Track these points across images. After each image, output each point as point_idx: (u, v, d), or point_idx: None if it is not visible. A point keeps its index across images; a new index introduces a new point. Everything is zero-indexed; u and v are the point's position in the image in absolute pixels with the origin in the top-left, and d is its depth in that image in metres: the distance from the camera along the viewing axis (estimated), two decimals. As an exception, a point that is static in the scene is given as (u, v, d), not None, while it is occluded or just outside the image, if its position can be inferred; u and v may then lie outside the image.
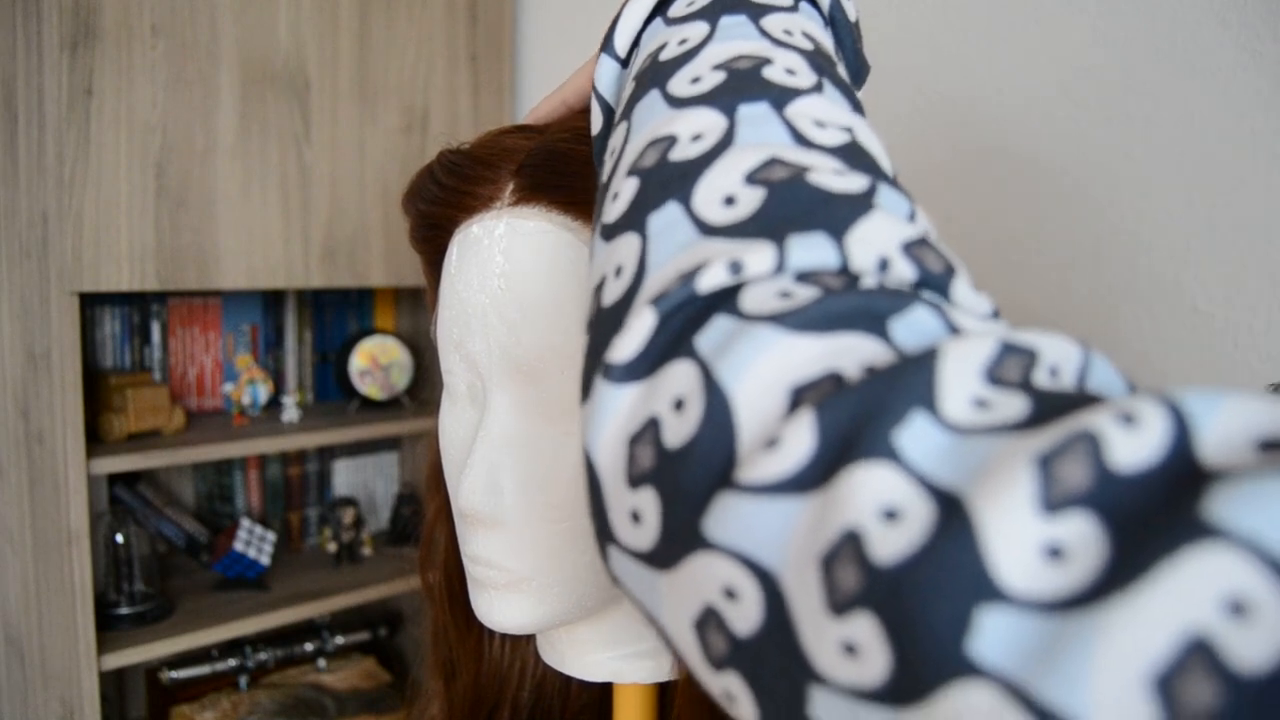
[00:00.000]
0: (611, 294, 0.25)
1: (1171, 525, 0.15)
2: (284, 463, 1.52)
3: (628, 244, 0.26)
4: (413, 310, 1.63)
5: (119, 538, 1.20)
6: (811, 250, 0.22)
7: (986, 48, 0.82)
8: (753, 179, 0.24)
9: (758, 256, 0.22)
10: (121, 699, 1.41)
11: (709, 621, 0.20)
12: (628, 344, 0.23)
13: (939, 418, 0.18)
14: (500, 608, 0.45)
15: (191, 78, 1.12)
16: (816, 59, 0.30)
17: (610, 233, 0.27)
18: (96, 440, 1.16)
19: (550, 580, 0.44)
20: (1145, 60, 0.70)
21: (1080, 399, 0.18)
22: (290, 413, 1.37)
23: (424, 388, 1.52)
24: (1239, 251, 0.66)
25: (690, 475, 0.20)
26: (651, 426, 0.22)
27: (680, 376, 0.21)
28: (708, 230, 0.24)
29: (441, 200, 0.46)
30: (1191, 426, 0.16)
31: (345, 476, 1.60)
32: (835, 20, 0.36)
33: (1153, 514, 0.15)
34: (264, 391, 1.37)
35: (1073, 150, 0.76)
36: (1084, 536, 0.16)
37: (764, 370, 0.20)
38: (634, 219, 0.26)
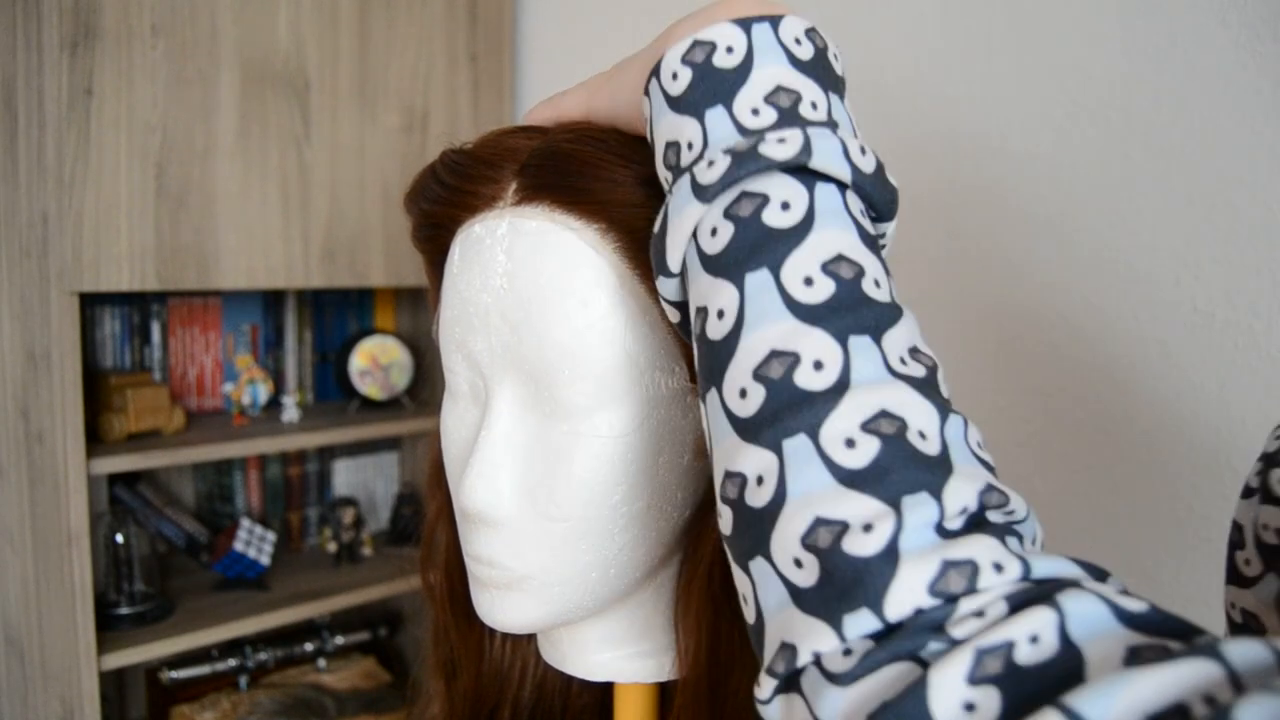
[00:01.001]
0: (757, 499, 0.32)
1: None
2: (284, 463, 1.52)
3: (764, 458, 0.32)
4: (413, 310, 1.63)
5: (119, 538, 1.20)
6: (860, 623, 0.28)
7: (986, 47, 0.82)
8: (807, 544, 0.30)
9: (826, 641, 0.29)
10: (121, 699, 1.41)
11: None
12: (764, 690, 0.31)
13: None
14: (502, 607, 0.45)
15: (191, 78, 1.12)
16: (845, 306, 0.33)
17: (744, 430, 0.33)
18: (96, 440, 1.16)
19: (552, 579, 0.44)
20: (1145, 60, 0.71)
21: (1051, 678, 0.24)
22: (290, 413, 1.37)
23: (424, 388, 1.52)
24: (1239, 251, 0.66)
25: None
26: None
27: (796, 709, 0.30)
28: (791, 594, 0.30)
29: (444, 199, 0.46)
30: None
31: (345, 476, 1.60)
32: (858, 184, 0.36)
33: None
34: (264, 391, 1.37)
35: (1072, 150, 0.76)
36: None
37: (838, 711, 0.28)
38: (769, 434, 0.32)
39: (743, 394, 0.33)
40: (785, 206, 0.34)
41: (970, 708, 0.24)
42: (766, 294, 0.33)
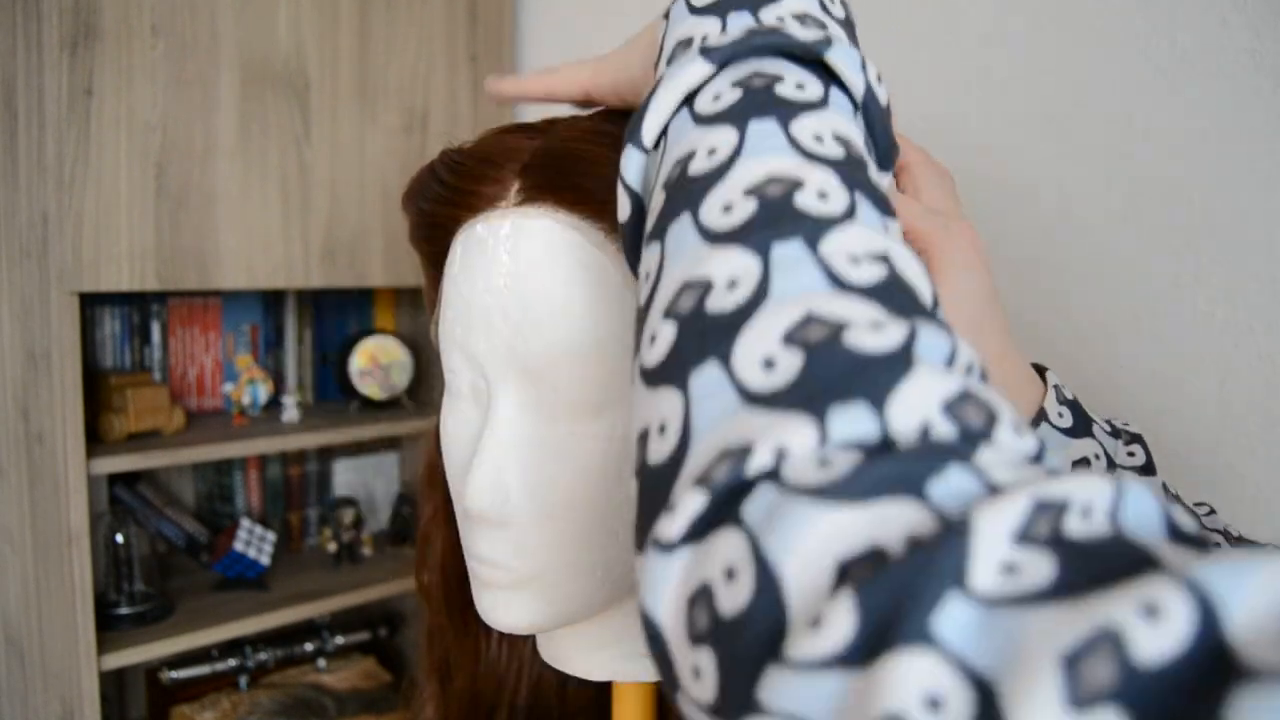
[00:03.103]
0: (657, 453, 0.26)
1: None
2: (284, 463, 1.52)
3: (670, 401, 0.27)
4: (413, 310, 1.63)
5: (119, 538, 1.20)
6: (853, 424, 0.23)
7: (985, 47, 0.82)
8: (791, 339, 0.25)
9: (800, 437, 0.23)
10: (121, 699, 1.41)
11: None
12: (677, 523, 0.24)
13: (969, 593, 0.19)
14: (506, 608, 0.45)
15: (191, 78, 1.11)
16: (848, 168, 0.30)
17: (652, 380, 0.28)
18: (96, 440, 1.16)
19: (556, 579, 0.44)
20: (1145, 60, 0.71)
21: (1110, 550, 0.19)
22: (290, 413, 1.37)
23: (424, 388, 1.52)
24: (1239, 251, 0.66)
25: (743, 645, 0.22)
26: (705, 592, 0.23)
27: (730, 545, 0.23)
28: (749, 397, 0.25)
29: (444, 199, 0.46)
30: (1216, 612, 0.17)
31: (345, 477, 1.60)
32: (867, 108, 0.35)
33: (1180, 710, 0.16)
34: (264, 391, 1.37)
35: (1072, 150, 0.76)
36: None
37: (809, 545, 0.21)
38: (674, 373, 0.27)
39: (727, 209, 0.29)
40: (800, 86, 0.33)
41: (1011, 570, 0.19)
42: (772, 137, 0.31)
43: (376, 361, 1.46)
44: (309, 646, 1.46)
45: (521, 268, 0.43)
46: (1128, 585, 0.18)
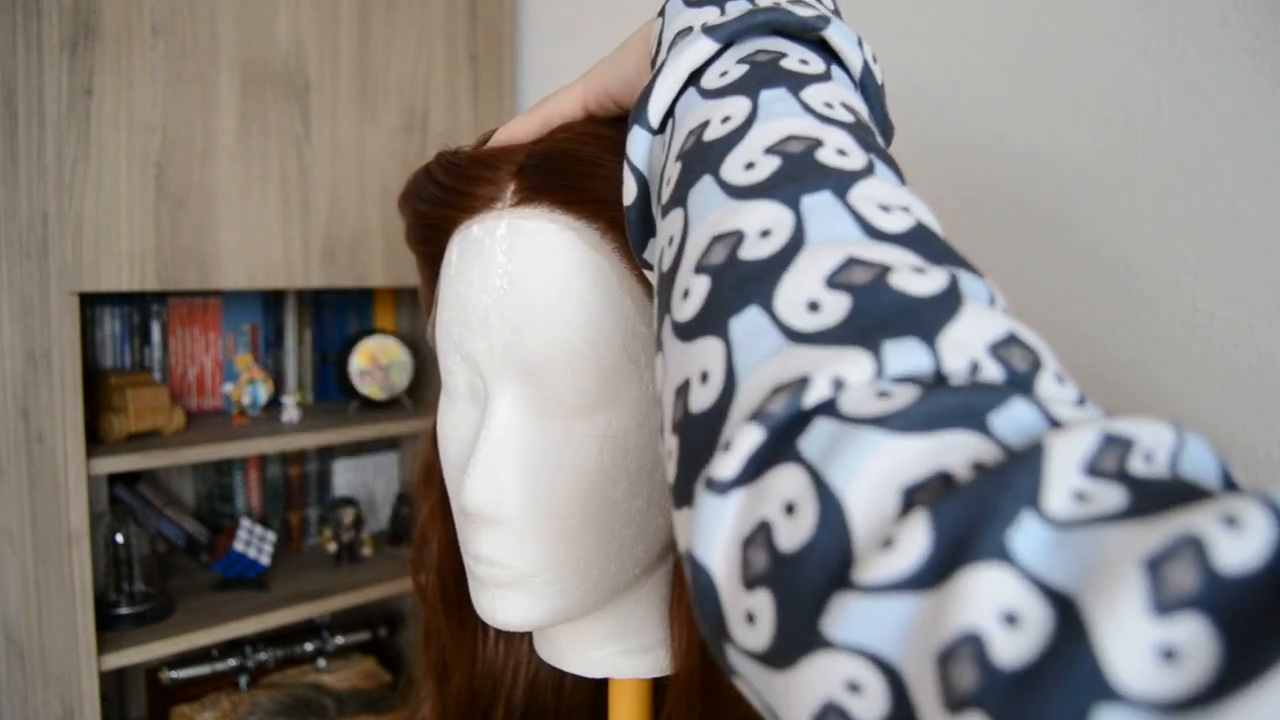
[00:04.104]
0: (700, 401, 0.26)
1: None
2: (284, 463, 1.52)
3: (710, 349, 0.26)
4: (413, 310, 1.63)
5: (119, 538, 1.20)
6: (907, 358, 0.23)
7: (985, 48, 0.82)
8: (834, 283, 0.24)
9: (858, 367, 0.23)
10: (121, 699, 1.41)
11: (829, 716, 0.21)
12: (733, 460, 0.23)
13: (1043, 514, 0.19)
14: (504, 606, 0.45)
15: (191, 78, 1.12)
16: (861, 133, 0.30)
17: (687, 333, 0.27)
18: (96, 440, 1.16)
19: (553, 577, 0.44)
20: (1145, 60, 0.70)
21: (1175, 488, 0.19)
22: (290, 413, 1.37)
23: (424, 388, 1.52)
24: (1239, 251, 0.66)
25: (806, 578, 0.21)
26: (763, 530, 0.22)
27: (788, 480, 0.22)
28: (795, 337, 0.24)
29: (441, 201, 0.46)
30: None
31: (345, 476, 1.60)
32: (865, 85, 0.35)
33: (1262, 616, 0.16)
34: (264, 391, 1.37)
35: (1072, 150, 0.76)
36: (1196, 638, 0.16)
37: (874, 472, 0.21)
38: (712, 322, 0.26)
39: (749, 166, 0.29)
40: (804, 61, 0.33)
41: (1082, 497, 0.19)
42: (785, 101, 0.31)
43: (376, 361, 1.46)
44: (309, 646, 1.46)
45: (518, 268, 0.43)
46: (1204, 503, 0.17)
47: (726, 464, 0.23)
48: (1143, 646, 0.16)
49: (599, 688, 0.56)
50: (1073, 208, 0.76)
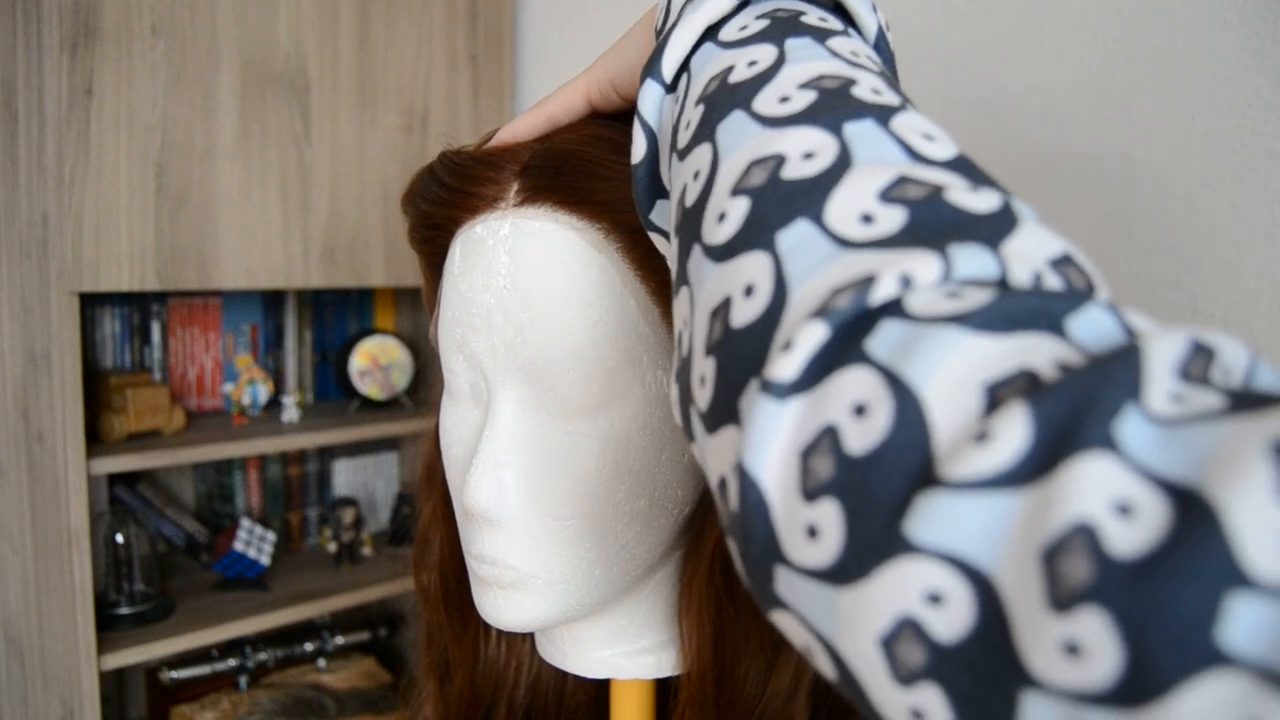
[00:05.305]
0: (745, 314, 0.25)
1: None
2: (284, 463, 1.52)
3: (755, 262, 0.25)
4: (413, 310, 1.63)
5: (119, 538, 1.20)
6: (975, 262, 0.22)
7: (986, 49, 0.82)
8: (888, 197, 0.24)
9: (926, 267, 0.22)
10: (121, 699, 1.41)
11: (902, 633, 0.20)
12: (795, 359, 0.22)
13: (1146, 412, 0.18)
14: (506, 606, 0.45)
15: (191, 78, 1.12)
16: (888, 79, 0.30)
17: (726, 252, 0.26)
18: (96, 440, 1.16)
19: (556, 577, 0.44)
20: (1146, 60, 0.71)
21: (1261, 397, 0.18)
22: (290, 413, 1.37)
23: (424, 388, 1.52)
24: (1239, 251, 0.66)
25: (883, 479, 0.20)
26: (827, 435, 0.21)
27: (857, 382, 0.21)
28: (851, 246, 0.23)
29: (444, 200, 0.46)
30: None
31: (345, 476, 1.60)
32: (879, 49, 0.35)
33: None
34: (264, 391, 1.37)
35: (1072, 150, 0.76)
36: None
37: (954, 368, 0.20)
38: (756, 237, 0.25)
39: (784, 100, 0.28)
40: (823, 19, 0.33)
41: (1179, 399, 0.18)
42: (812, 48, 0.30)
43: (376, 361, 1.46)
44: (309, 646, 1.46)
45: (521, 268, 0.43)
46: None
47: (787, 364, 0.22)
48: (1275, 530, 0.16)
49: (601, 689, 0.56)
50: (1072, 208, 0.76)
